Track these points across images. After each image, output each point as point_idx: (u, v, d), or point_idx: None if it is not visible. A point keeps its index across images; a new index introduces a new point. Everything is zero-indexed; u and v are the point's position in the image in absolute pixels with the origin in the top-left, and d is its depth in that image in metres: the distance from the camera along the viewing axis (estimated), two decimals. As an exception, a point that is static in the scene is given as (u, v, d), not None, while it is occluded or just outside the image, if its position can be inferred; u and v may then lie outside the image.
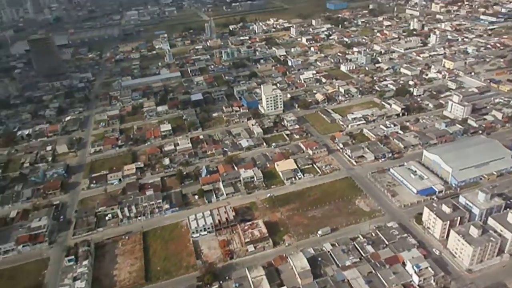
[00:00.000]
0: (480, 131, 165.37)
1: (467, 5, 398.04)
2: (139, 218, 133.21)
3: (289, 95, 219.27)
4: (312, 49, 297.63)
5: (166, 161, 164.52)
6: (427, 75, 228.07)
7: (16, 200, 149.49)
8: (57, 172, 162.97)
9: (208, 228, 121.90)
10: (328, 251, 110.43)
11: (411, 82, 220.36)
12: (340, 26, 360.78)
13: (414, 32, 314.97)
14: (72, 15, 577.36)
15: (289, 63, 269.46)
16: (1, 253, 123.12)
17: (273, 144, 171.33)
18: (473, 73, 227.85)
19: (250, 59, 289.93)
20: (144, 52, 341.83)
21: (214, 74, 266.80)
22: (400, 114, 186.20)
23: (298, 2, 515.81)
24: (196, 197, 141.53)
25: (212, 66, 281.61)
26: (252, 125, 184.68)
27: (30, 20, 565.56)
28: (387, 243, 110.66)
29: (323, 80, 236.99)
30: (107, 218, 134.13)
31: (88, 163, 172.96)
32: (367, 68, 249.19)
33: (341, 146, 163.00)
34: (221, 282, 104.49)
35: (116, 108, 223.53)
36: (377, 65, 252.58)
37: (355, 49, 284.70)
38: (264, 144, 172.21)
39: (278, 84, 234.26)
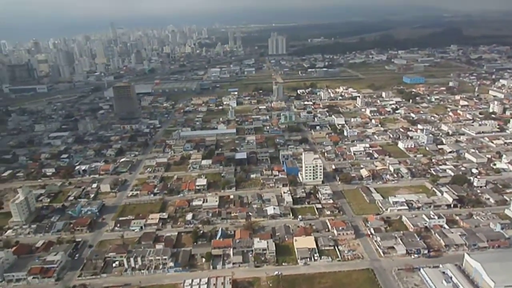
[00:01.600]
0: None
1: None
2: (142, 271, 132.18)
3: (333, 166, 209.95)
4: (373, 121, 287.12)
5: (189, 216, 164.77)
6: (495, 164, 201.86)
7: (48, 231, 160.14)
8: (91, 209, 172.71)
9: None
10: None
11: (474, 171, 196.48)
12: (410, 100, 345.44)
13: (493, 116, 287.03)
14: (165, 67, 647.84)
15: (345, 133, 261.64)
16: (14, 280, 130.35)
17: (299, 216, 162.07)
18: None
19: (306, 124, 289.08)
20: (212, 106, 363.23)
21: (267, 135, 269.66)
22: (452, 205, 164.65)
23: (374, 73, 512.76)
24: (204, 260, 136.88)
25: (268, 127, 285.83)
26: (284, 192, 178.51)
27: (130, 69, 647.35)
28: None
29: (375, 155, 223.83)
30: (114, 265, 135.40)
31: (121, 206, 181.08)
32: (427, 149, 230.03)
33: (372, 231, 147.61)
34: None
35: (165, 156, 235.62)
36: (439, 146, 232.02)
37: (419, 126, 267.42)
38: (291, 214, 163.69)
39: (326, 153, 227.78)
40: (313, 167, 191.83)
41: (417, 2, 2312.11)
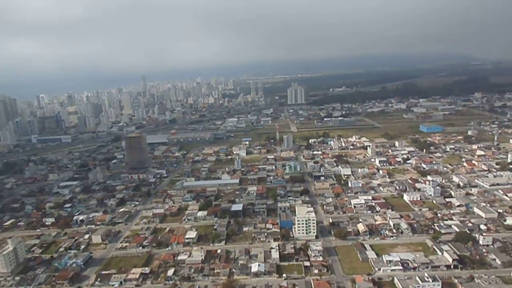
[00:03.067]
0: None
1: None
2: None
3: (330, 220, 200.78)
4: (380, 172, 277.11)
5: (171, 271, 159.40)
6: (505, 220, 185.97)
7: (30, 283, 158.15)
8: (76, 262, 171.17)
9: None
10: None
11: (482, 227, 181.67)
12: (424, 150, 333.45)
13: (511, 166, 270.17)
14: (186, 117, 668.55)
15: (349, 184, 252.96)
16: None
17: (284, 275, 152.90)
18: None
19: (311, 174, 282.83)
20: (222, 156, 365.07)
21: (269, 186, 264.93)
22: (452, 266, 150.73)
23: (392, 122, 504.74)
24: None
25: (272, 178, 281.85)
26: (272, 248, 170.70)
27: (153, 119, 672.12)
28: None
29: (377, 208, 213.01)
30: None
31: (108, 258, 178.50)
32: (434, 202, 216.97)
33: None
34: None
35: (162, 207, 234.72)
36: (448, 199, 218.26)
37: (429, 177, 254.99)
38: (275, 273, 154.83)
39: (325, 206, 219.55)
40: (306, 220, 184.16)
41: (447, 50, 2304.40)
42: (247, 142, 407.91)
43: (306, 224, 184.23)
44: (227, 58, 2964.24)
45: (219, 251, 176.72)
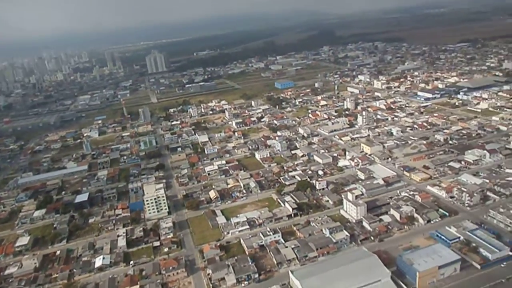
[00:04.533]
0: (372, 237, 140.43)
1: (408, 81, 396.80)
2: None
3: (184, 192, 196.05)
4: (236, 134, 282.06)
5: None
6: (337, 163, 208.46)
7: None
8: None
9: None
10: None
11: (320, 172, 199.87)
12: (277, 107, 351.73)
13: (347, 112, 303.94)
14: (27, 100, 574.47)
15: (206, 151, 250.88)
16: None
17: (131, 262, 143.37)
18: (389, 159, 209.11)
19: (168, 147, 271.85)
20: (69, 141, 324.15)
21: (123, 166, 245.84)
22: (292, 215, 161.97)
23: (250, 82, 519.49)
24: None
25: (125, 157, 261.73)
26: (118, 236, 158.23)
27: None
28: None
29: (231, 171, 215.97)
30: None
31: None
32: (282, 156, 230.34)
33: (206, 263, 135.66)
34: None
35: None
36: (293, 151, 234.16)
37: (278, 133, 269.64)
38: (123, 262, 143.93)
39: (179, 178, 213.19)
40: (155, 199, 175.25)
41: (304, 8, 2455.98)
42: (99, 121, 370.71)
43: (156, 202, 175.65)
44: (81, 26, 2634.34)
45: (58, 252, 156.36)
